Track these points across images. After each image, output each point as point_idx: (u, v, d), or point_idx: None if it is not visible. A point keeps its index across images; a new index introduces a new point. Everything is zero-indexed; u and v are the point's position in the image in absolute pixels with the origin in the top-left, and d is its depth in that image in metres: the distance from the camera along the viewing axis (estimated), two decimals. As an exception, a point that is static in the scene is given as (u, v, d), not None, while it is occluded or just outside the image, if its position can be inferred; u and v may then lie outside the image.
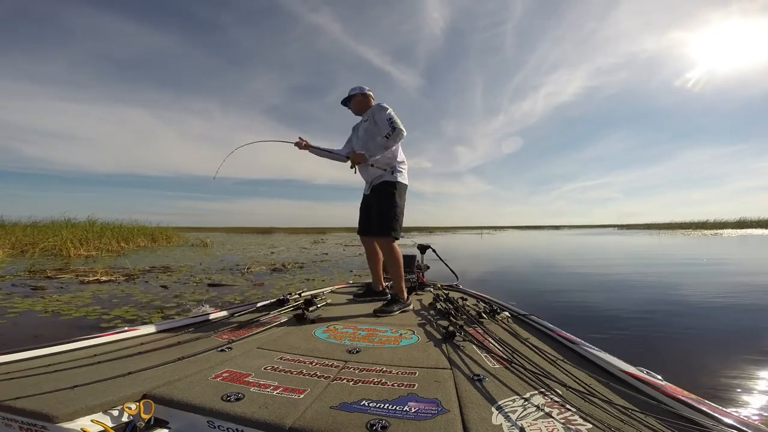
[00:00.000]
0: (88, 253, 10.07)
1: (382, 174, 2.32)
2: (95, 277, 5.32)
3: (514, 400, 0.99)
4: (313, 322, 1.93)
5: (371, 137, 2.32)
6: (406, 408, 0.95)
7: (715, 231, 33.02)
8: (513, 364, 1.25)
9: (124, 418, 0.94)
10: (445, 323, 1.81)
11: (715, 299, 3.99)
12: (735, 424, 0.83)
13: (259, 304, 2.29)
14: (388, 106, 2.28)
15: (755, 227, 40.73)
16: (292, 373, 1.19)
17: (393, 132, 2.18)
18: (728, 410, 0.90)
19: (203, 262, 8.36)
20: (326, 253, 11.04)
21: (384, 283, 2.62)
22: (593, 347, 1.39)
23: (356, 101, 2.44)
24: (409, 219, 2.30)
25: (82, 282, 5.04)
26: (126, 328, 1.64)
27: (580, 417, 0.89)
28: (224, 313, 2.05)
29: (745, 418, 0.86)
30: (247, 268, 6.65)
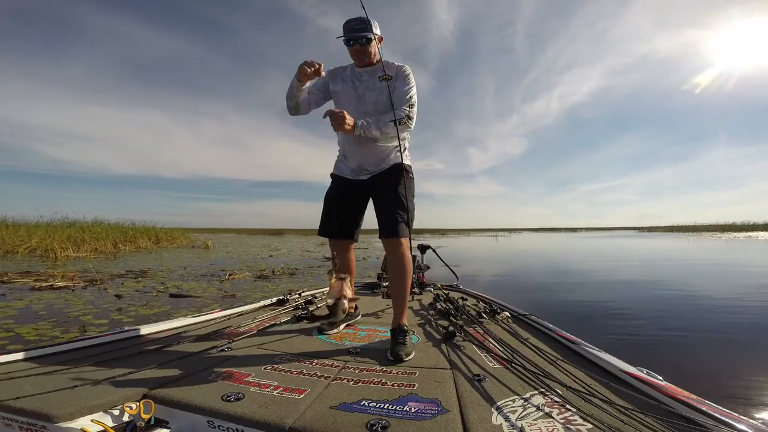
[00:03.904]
0: (77, 254, 9.70)
1: (390, 153, 1.69)
2: (49, 283, 4.84)
3: (514, 400, 0.99)
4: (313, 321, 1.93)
5: (385, 108, 1.61)
6: (406, 408, 0.95)
7: (747, 234, 31.34)
8: (513, 364, 1.25)
9: (125, 418, 0.94)
10: (445, 323, 1.81)
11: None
12: (736, 424, 0.83)
13: (259, 304, 2.29)
14: (411, 77, 1.65)
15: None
16: (292, 373, 1.19)
17: (409, 120, 1.59)
18: (729, 411, 0.90)
19: (189, 265, 7.93)
20: (328, 258, 10.76)
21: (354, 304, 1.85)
22: (593, 347, 1.39)
23: (371, 47, 1.61)
24: (420, 220, 1.80)
25: (33, 288, 4.64)
26: (126, 328, 1.64)
27: (580, 417, 0.89)
28: (224, 313, 2.05)
29: (747, 419, 0.86)
30: (229, 275, 6.20)
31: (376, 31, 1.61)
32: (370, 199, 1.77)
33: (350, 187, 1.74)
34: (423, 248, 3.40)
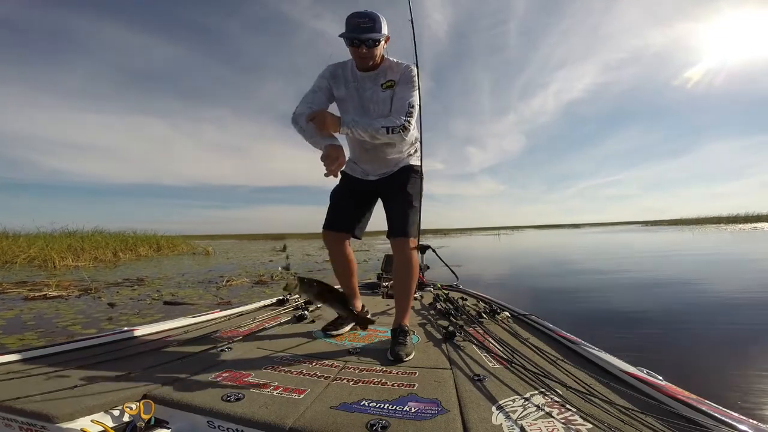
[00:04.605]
0: (76, 264, 9.61)
1: (401, 159, 1.67)
2: (42, 293, 4.80)
3: (514, 400, 0.99)
4: (313, 322, 1.94)
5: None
6: (406, 408, 0.95)
7: (753, 225, 30.53)
8: (513, 364, 1.25)
9: (125, 418, 0.94)
10: (445, 323, 1.81)
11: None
12: (736, 424, 0.83)
13: (259, 304, 2.29)
14: (416, 80, 1.53)
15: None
16: (292, 373, 1.19)
17: (404, 129, 1.46)
18: (729, 410, 0.90)
19: (188, 272, 7.81)
20: (328, 260, 10.55)
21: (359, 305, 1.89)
22: (593, 347, 1.39)
23: (378, 50, 1.48)
24: (422, 221, 1.74)
25: (26, 298, 4.58)
26: (126, 328, 1.64)
27: (580, 417, 0.89)
28: (224, 313, 2.05)
29: (747, 419, 0.86)
30: (227, 281, 6.05)
31: (384, 30, 1.46)
32: (378, 201, 1.77)
33: (359, 185, 1.73)
34: (423, 248, 3.40)
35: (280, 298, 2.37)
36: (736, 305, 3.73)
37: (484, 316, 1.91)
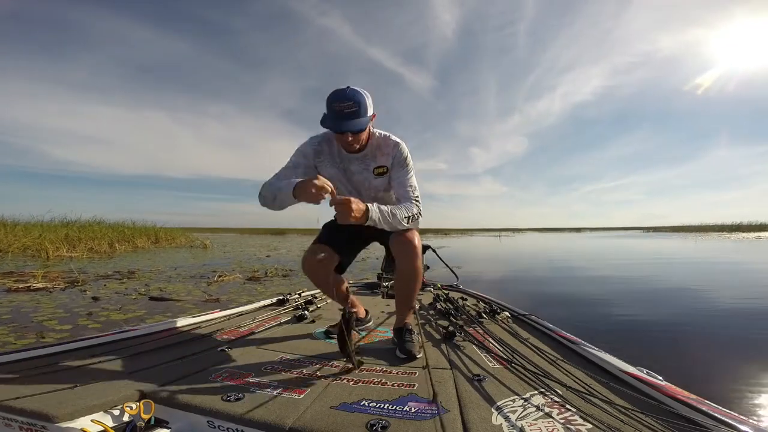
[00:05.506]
0: (70, 254, 9.47)
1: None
2: (27, 284, 4.68)
3: (514, 400, 0.99)
4: (313, 321, 1.94)
5: (386, 200, 1.48)
6: (406, 408, 0.95)
7: (757, 234, 30.46)
8: (513, 364, 1.25)
9: (125, 418, 0.94)
10: (445, 323, 1.81)
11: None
12: (735, 424, 0.83)
13: (259, 304, 2.29)
14: (409, 158, 1.46)
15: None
16: (292, 373, 1.19)
17: (420, 215, 1.42)
18: (729, 410, 0.90)
19: (181, 266, 7.66)
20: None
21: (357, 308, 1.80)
22: (593, 347, 1.39)
23: (364, 134, 1.36)
24: (422, 221, 1.77)
25: (9, 290, 4.47)
26: (126, 328, 1.64)
27: (580, 417, 0.89)
28: (224, 313, 2.05)
29: (747, 419, 0.86)
30: (218, 277, 5.77)
31: (370, 110, 1.31)
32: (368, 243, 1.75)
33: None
34: (423, 248, 3.40)
35: (280, 298, 2.37)
36: (735, 308, 3.73)
37: (484, 316, 1.91)
